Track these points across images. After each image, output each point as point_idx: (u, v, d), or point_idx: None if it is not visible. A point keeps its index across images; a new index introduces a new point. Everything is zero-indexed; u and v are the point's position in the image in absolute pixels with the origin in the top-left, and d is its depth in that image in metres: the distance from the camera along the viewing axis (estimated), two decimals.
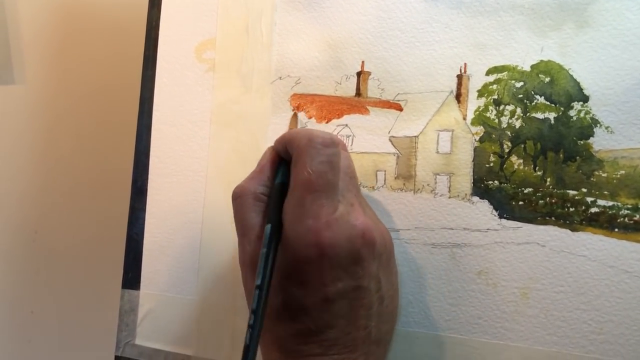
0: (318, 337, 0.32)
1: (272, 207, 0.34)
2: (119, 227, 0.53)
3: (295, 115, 0.42)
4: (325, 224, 0.31)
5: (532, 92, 0.36)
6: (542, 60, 0.36)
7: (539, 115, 0.36)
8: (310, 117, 0.42)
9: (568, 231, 0.35)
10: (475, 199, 0.37)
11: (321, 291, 0.32)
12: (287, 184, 0.35)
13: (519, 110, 0.36)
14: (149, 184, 0.47)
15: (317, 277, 0.31)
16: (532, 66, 0.36)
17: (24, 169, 0.75)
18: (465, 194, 0.37)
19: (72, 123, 0.73)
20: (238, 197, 0.36)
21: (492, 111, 0.37)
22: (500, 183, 0.36)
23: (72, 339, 0.73)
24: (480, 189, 0.37)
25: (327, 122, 0.41)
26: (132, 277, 0.47)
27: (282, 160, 0.36)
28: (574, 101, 0.35)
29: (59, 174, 0.74)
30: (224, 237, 0.44)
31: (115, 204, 0.67)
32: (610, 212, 0.34)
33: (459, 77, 0.38)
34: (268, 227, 0.33)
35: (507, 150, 0.36)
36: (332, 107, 0.41)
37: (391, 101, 0.40)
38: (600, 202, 0.34)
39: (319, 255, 0.31)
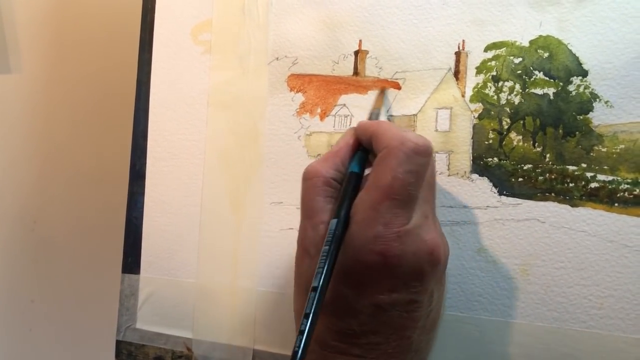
0: (360, 340, 0.31)
1: (342, 201, 0.32)
2: (118, 214, 0.53)
3: (382, 93, 0.39)
4: (396, 234, 0.30)
5: (531, 68, 0.36)
6: (540, 36, 0.36)
7: (538, 91, 0.36)
8: (308, 98, 0.41)
9: (568, 207, 0.35)
10: (475, 176, 0.37)
11: (374, 298, 0.30)
12: (361, 175, 0.33)
13: (517, 86, 0.36)
14: (147, 168, 0.47)
15: (374, 283, 0.30)
16: (530, 42, 0.36)
17: (22, 158, 0.75)
18: (465, 172, 0.37)
19: (70, 110, 0.72)
20: (309, 178, 0.34)
21: (490, 88, 0.37)
22: (500, 160, 0.36)
23: (73, 326, 0.73)
24: (479, 167, 0.37)
25: (323, 104, 0.41)
26: (131, 261, 0.47)
27: (361, 147, 0.34)
28: (573, 76, 0.35)
29: (57, 162, 0.73)
30: (222, 219, 0.43)
31: (114, 190, 0.67)
32: (610, 186, 0.34)
33: (457, 54, 0.37)
34: (334, 222, 0.31)
35: (506, 127, 0.36)
36: (330, 87, 0.41)
37: (389, 80, 0.39)
38: (600, 177, 0.34)
39: (381, 264, 0.30)
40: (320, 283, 0.29)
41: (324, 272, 0.29)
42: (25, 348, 0.76)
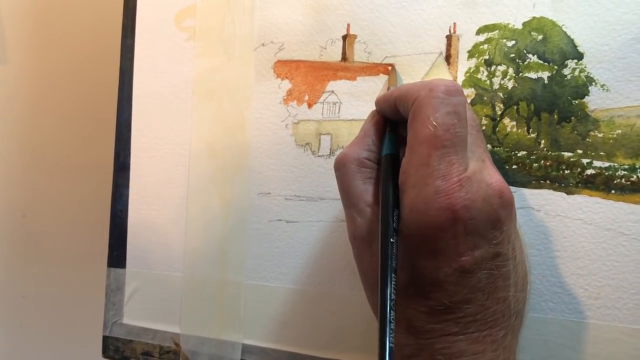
0: (454, 314, 0.28)
1: (385, 182, 0.30)
2: (107, 206, 0.52)
3: (393, 70, 0.38)
4: (458, 183, 0.27)
5: (525, 51, 0.35)
6: (534, 17, 0.34)
7: (532, 75, 0.34)
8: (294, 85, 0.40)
9: (563, 194, 0.34)
10: None
11: (456, 262, 0.27)
12: (397, 156, 0.31)
13: (511, 70, 0.35)
14: (131, 159, 0.46)
15: (451, 245, 0.27)
16: (524, 24, 0.35)
17: (9, 150, 0.74)
18: None
19: (56, 101, 0.71)
20: (341, 166, 0.31)
21: (483, 72, 0.35)
22: (493, 147, 0.35)
23: (64, 321, 0.72)
24: None
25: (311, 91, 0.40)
26: (117, 255, 0.46)
27: (387, 123, 0.33)
28: (568, 59, 0.34)
29: (44, 155, 0.72)
30: (209, 211, 0.42)
31: (103, 183, 0.65)
32: (606, 173, 0.33)
33: (449, 38, 0.36)
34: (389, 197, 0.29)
35: (499, 113, 0.35)
36: (317, 73, 0.40)
37: (379, 65, 0.38)
38: (596, 163, 0.33)
39: (452, 219, 0.27)
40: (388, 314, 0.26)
41: (388, 297, 0.27)
42: (17, 343, 0.75)
